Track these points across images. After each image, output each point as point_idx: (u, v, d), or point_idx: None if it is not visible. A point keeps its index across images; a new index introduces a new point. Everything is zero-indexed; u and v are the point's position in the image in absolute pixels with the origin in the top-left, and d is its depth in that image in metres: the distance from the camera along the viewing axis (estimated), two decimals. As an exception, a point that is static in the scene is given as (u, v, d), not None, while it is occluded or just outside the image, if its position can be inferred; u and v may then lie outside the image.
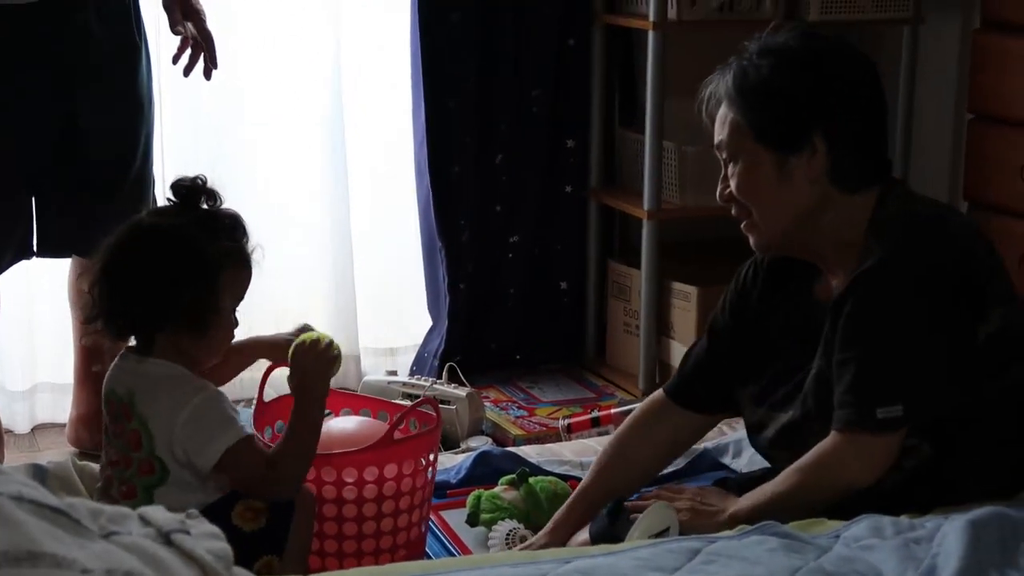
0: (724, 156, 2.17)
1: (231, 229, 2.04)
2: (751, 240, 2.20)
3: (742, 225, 2.20)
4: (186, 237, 1.99)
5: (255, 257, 2.05)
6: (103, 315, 2.02)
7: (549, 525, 2.27)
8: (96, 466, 2.37)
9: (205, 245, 1.99)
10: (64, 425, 3.45)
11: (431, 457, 2.20)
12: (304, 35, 3.80)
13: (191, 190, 2.04)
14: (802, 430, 2.15)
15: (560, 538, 2.23)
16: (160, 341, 2.01)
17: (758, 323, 2.27)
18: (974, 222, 2.19)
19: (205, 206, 2.05)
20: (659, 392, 2.42)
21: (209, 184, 2.05)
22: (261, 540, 1.97)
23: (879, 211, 2.12)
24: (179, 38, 3.12)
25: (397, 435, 2.15)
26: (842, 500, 2.04)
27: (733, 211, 2.20)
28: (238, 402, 3.25)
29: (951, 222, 2.14)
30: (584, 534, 2.24)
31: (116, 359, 2.06)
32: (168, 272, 1.97)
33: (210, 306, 1.99)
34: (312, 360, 2.05)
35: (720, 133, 2.16)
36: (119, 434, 2.02)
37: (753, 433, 2.29)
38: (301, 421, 2.02)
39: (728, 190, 2.17)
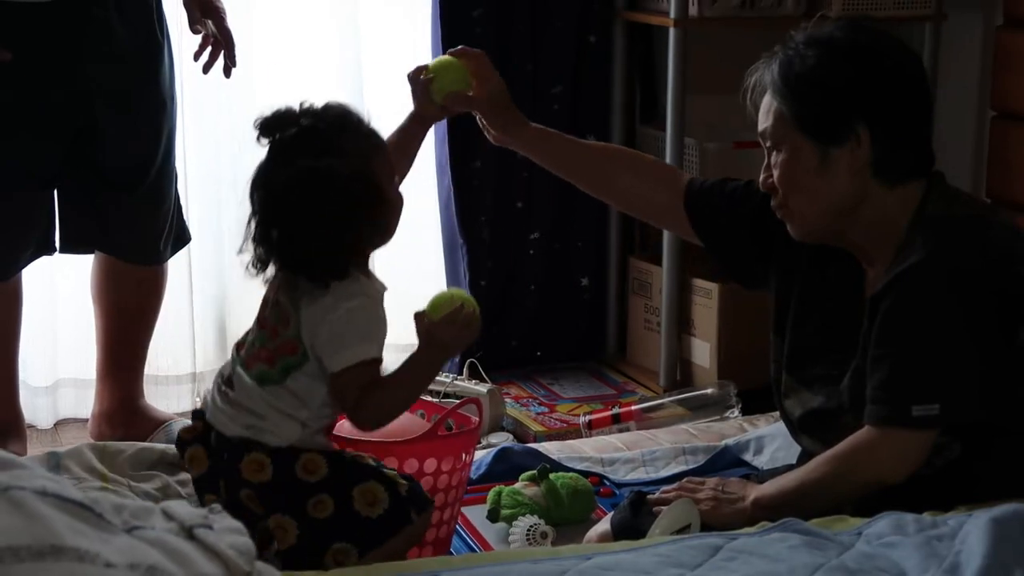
0: (767, 144, 2.18)
1: (344, 125, 1.97)
2: (789, 228, 2.20)
3: (780, 213, 2.20)
4: (325, 173, 1.91)
5: (373, 125, 2.00)
6: (280, 256, 1.96)
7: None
8: (117, 444, 2.39)
9: (342, 167, 1.92)
10: (87, 420, 3.46)
11: (466, 458, 2.21)
12: (325, 32, 3.80)
13: (284, 119, 1.97)
14: (832, 420, 2.16)
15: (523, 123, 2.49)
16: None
17: (807, 266, 2.28)
18: (1016, 225, 2.17)
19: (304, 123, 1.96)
20: (683, 177, 2.47)
21: (302, 106, 1.98)
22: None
23: (922, 208, 2.12)
24: (200, 36, 3.13)
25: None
26: (868, 494, 2.04)
27: (772, 201, 2.20)
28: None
29: (994, 225, 2.13)
30: (605, 525, 2.25)
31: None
32: (334, 218, 1.92)
33: (381, 210, 1.98)
34: (459, 328, 2.02)
35: (764, 122, 2.17)
36: (275, 305, 2.00)
37: (778, 396, 2.31)
38: (419, 366, 2.01)
39: (770, 179, 2.18)
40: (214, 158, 3.76)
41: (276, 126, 1.97)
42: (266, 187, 1.95)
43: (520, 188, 3.97)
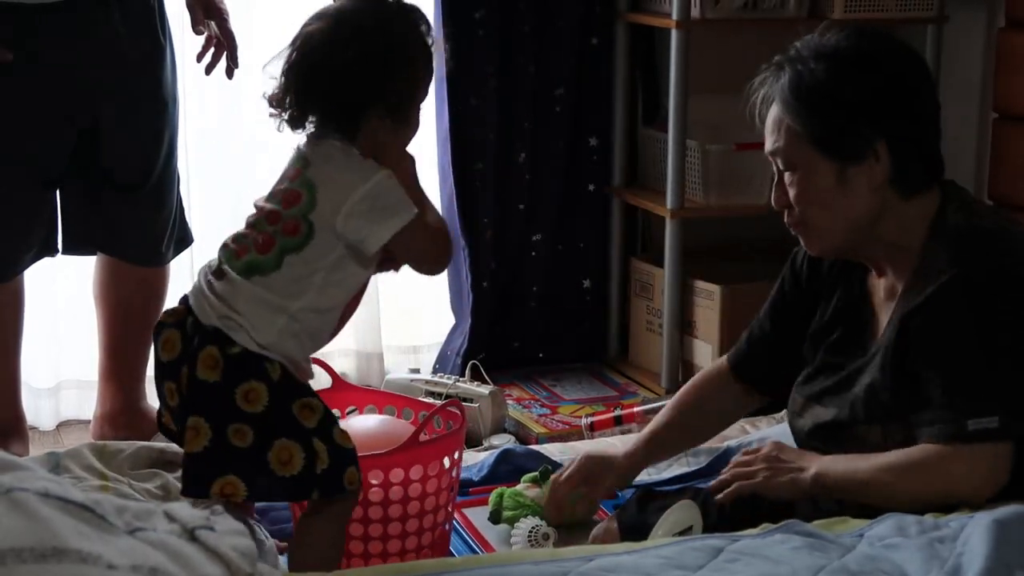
0: (780, 163, 2.12)
1: (421, 22, 2.04)
2: (806, 244, 2.17)
3: (796, 231, 2.15)
4: (392, 24, 2.00)
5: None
6: (299, 96, 2.00)
7: (623, 453, 2.41)
8: (117, 444, 2.39)
9: (408, 36, 2.01)
10: (89, 422, 3.46)
11: (456, 457, 2.21)
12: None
13: None
14: (846, 432, 2.14)
15: (631, 465, 2.40)
16: (350, 127, 2.00)
17: (815, 303, 2.27)
18: None
19: None
20: (722, 361, 2.46)
21: None
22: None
23: (940, 217, 2.09)
24: (203, 37, 3.14)
25: (422, 436, 2.15)
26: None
27: (787, 219, 2.15)
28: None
29: (1015, 232, 2.10)
30: (612, 522, 2.25)
31: (305, 142, 2.05)
32: (380, 58, 1.97)
33: (410, 96, 2.01)
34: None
35: (775, 139, 2.11)
36: (276, 193, 2.01)
37: (790, 416, 2.30)
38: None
39: (785, 197, 2.12)
40: (217, 160, 3.77)
41: None
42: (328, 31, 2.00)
43: (522, 190, 3.97)
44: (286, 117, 2.02)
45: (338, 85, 1.97)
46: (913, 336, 2.04)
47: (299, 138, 2.05)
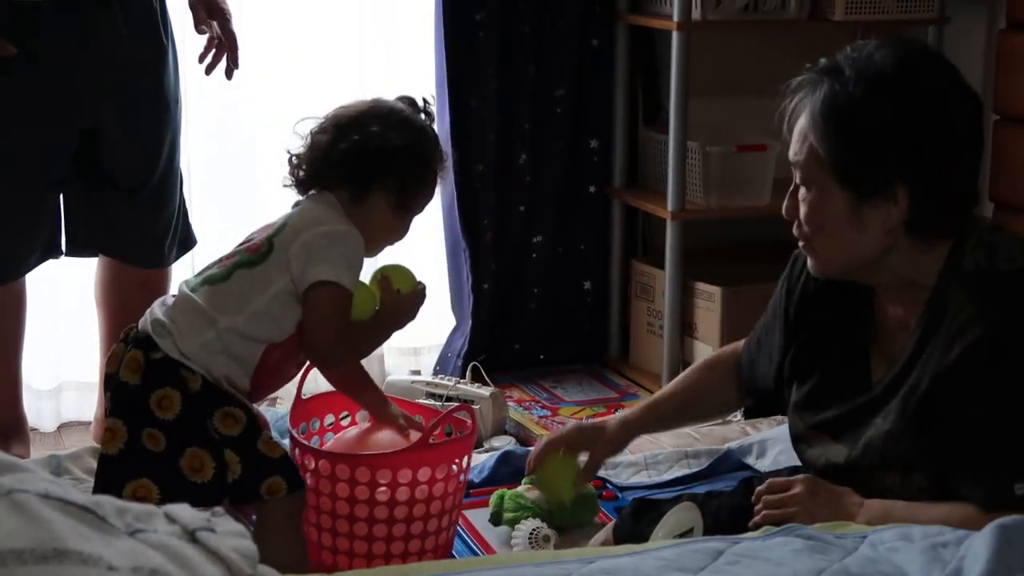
0: (798, 177, 2.02)
1: (439, 147, 2.16)
2: (809, 264, 2.08)
3: (801, 245, 2.06)
4: (422, 125, 2.13)
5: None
6: (315, 160, 2.08)
7: (617, 418, 2.38)
8: None
9: (431, 144, 2.14)
10: (90, 423, 3.47)
11: (464, 463, 2.21)
12: (329, 34, 3.81)
13: (415, 103, 2.16)
14: (860, 474, 2.06)
15: (625, 431, 2.36)
16: (344, 195, 2.09)
17: (812, 317, 2.18)
18: None
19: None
20: (738, 346, 2.42)
21: (429, 107, 2.18)
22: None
23: (956, 256, 1.98)
24: (205, 37, 3.14)
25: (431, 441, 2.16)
26: None
27: (795, 231, 2.04)
28: (275, 399, 3.28)
29: None
30: (606, 534, 2.25)
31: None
32: (403, 142, 2.09)
33: (415, 195, 2.12)
34: (419, 303, 2.16)
35: (798, 152, 1.99)
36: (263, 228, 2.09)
37: (796, 443, 2.21)
38: (383, 329, 2.13)
39: (795, 210, 2.03)
40: (219, 162, 3.77)
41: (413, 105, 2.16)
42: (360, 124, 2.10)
43: (523, 192, 3.98)
44: (298, 179, 2.11)
45: (362, 150, 2.07)
46: (944, 396, 1.95)
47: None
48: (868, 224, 1.96)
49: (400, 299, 2.12)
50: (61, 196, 3.12)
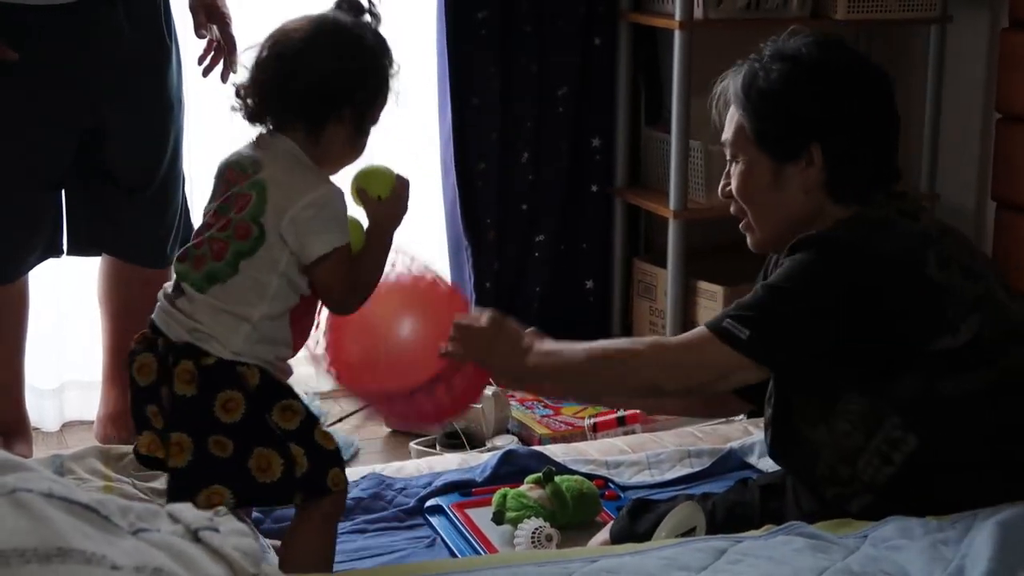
0: (728, 154, 2.23)
1: (390, 52, 2.08)
2: (748, 239, 2.24)
3: (740, 224, 2.23)
4: (372, 42, 2.05)
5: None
6: (271, 93, 2.03)
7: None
8: (121, 448, 2.40)
9: (381, 51, 2.06)
10: (92, 423, 3.47)
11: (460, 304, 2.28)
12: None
13: (359, 7, 2.08)
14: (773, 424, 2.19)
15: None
16: (300, 134, 2.03)
17: None
18: (918, 235, 2.10)
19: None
20: None
21: (374, 7, 2.09)
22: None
23: (832, 227, 2.11)
24: (206, 40, 3.14)
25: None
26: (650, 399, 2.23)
27: (732, 209, 2.24)
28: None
29: (895, 239, 2.07)
30: (604, 534, 2.25)
31: (256, 139, 2.08)
32: (358, 67, 2.02)
33: (372, 118, 2.05)
34: (404, 200, 2.10)
35: (726, 132, 2.22)
36: (226, 198, 2.02)
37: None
38: (380, 245, 2.08)
39: (728, 188, 2.22)
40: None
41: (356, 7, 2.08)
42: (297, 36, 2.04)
43: (525, 190, 3.98)
44: (248, 110, 2.05)
45: (315, 89, 2.00)
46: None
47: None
48: (789, 186, 2.14)
49: (383, 207, 2.07)
50: (63, 195, 3.12)
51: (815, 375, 2.09)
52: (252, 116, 2.05)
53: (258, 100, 2.04)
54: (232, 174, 2.04)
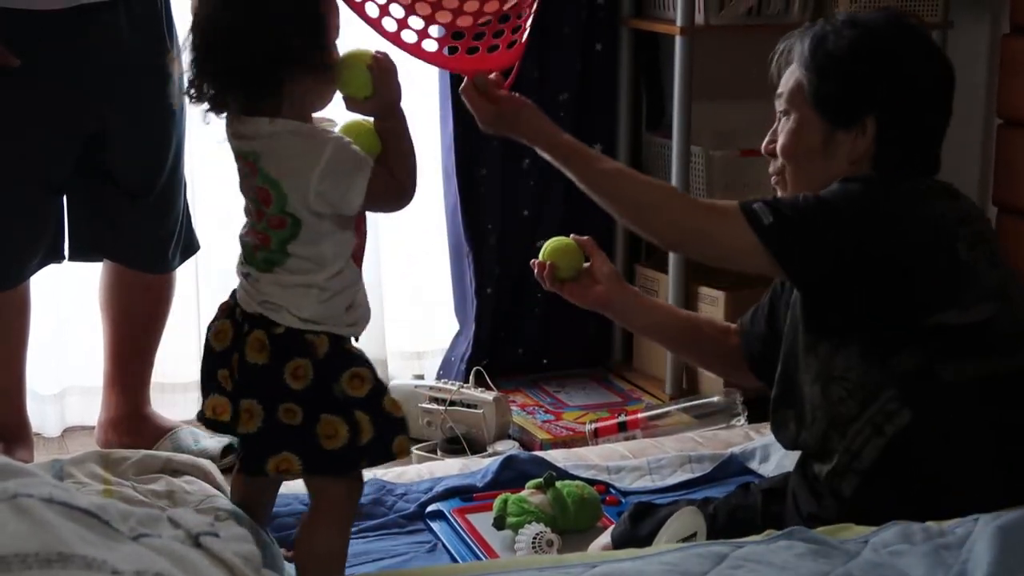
0: (780, 108, 2.22)
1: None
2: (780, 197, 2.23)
3: (773, 180, 2.24)
4: None
5: None
6: (212, 76, 1.97)
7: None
8: (121, 452, 2.39)
9: (316, 8, 1.98)
10: (93, 428, 3.47)
11: None
12: (332, 39, 3.81)
13: None
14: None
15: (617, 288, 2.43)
16: (273, 98, 1.98)
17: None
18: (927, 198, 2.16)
19: None
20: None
21: None
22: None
23: None
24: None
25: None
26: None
27: (770, 167, 2.24)
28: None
29: (938, 207, 2.12)
30: (606, 538, 2.25)
31: (231, 122, 2.03)
32: (283, 14, 1.94)
33: (323, 44, 1.98)
34: (392, 76, 2.07)
35: (782, 86, 2.21)
36: (248, 188, 2.03)
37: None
38: (396, 134, 2.08)
39: (773, 145, 2.23)
40: (223, 167, 3.76)
41: None
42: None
43: (527, 196, 3.98)
44: (207, 101, 2.00)
45: (248, 54, 1.93)
46: None
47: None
48: (837, 153, 2.14)
49: (375, 103, 2.04)
50: (64, 200, 3.12)
51: (818, 313, 2.10)
52: (213, 105, 2.02)
53: (210, 87, 1.99)
54: (241, 162, 2.05)
